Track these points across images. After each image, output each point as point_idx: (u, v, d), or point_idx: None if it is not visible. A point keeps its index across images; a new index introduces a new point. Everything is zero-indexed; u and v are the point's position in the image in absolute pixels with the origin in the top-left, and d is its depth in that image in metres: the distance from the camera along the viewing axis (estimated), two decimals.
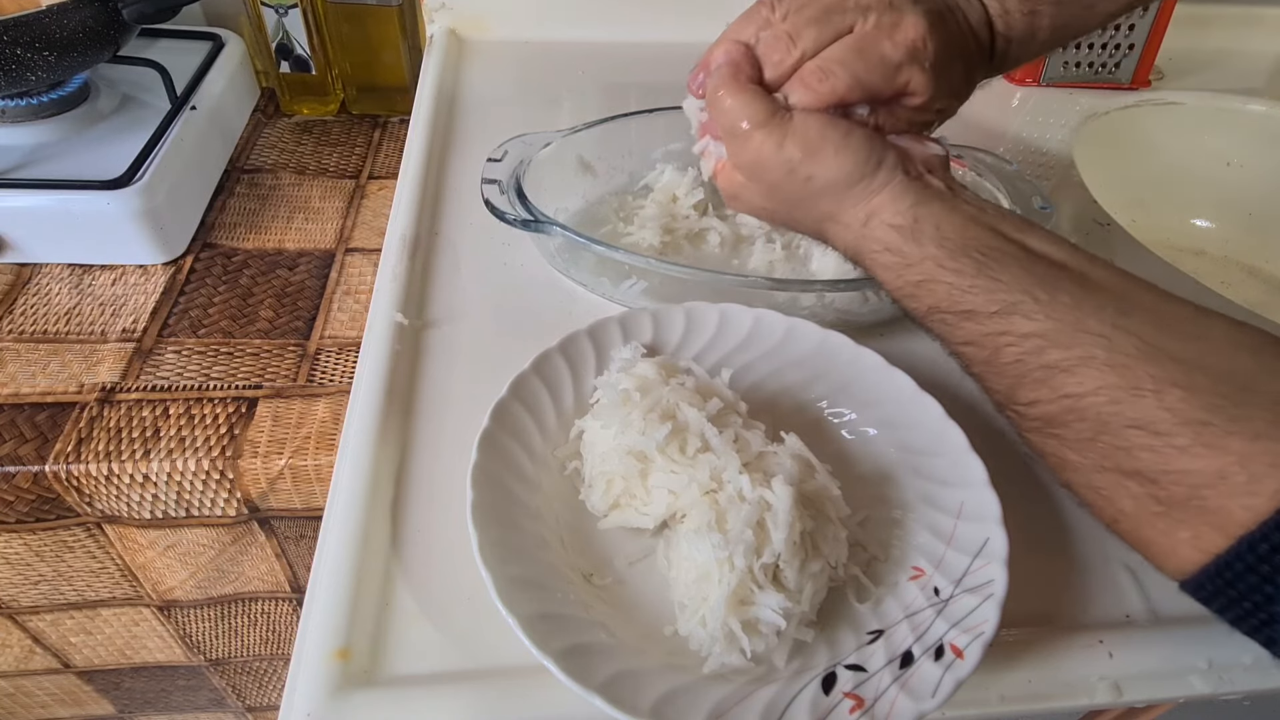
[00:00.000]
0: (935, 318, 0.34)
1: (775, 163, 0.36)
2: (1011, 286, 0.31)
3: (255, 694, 0.77)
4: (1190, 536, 0.27)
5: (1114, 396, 0.28)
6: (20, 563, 0.57)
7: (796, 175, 0.36)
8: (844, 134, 0.35)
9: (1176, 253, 0.80)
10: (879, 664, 0.33)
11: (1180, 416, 0.27)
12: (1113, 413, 0.28)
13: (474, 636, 0.36)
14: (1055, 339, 0.30)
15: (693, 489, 0.36)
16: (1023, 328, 0.30)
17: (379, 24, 0.73)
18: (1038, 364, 0.30)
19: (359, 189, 0.70)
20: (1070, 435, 0.30)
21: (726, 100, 0.36)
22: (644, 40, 0.78)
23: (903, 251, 0.34)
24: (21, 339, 0.55)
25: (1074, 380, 0.29)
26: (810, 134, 0.35)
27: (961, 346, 0.33)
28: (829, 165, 0.35)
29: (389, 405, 0.44)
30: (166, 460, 0.49)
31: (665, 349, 0.45)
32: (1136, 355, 0.28)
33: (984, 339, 0.32)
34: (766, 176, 0.37)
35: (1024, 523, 0.38)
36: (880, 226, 0.35)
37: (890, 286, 0.35)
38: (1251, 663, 0.37)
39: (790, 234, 0.56)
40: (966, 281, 0.32)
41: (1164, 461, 0.27)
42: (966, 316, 0.32)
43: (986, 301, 0.32)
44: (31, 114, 0.62)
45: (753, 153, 0.36)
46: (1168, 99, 0.77)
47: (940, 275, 0.33)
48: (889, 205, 0.35)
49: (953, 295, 0.33)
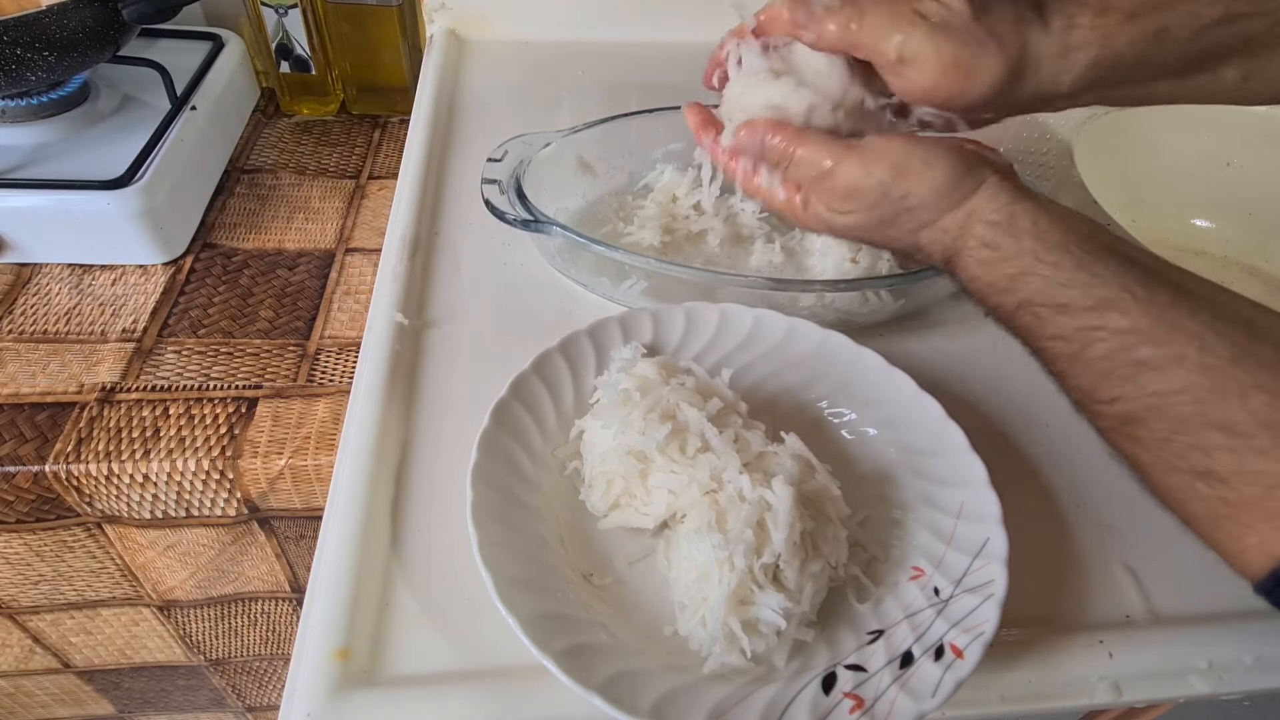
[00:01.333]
0: (1027, 312, 0.34)
1: (867, 187, 0.37)
2: (1110, 282, 0.31)
3: (255, 694, 0.77)
4: (1258, 541, 0.27)
5: (1199, 397, 0.28)
6: (20, 563, 0.57)
7: (891, 195, 0.36)
8: (928, 147, 0.36)
9: (1176, 253, 0.80)
10: (879, 664, 0.33)
11: (1262, 419, 0.27)
12: (1194, 412, 0.28)
13: (474, 636, 0.36)
14: (1149, 335, 0.30)
15: (693, 489, 0.36)
16: (1117, 323, 0.30)
17: (379, 24, 0.73)
18: (1127, 360, 0.30)
19: (359, 189, 0.70)
20: (1146, 435, 0.30)
21: (801, 150, 0.38)
22: (644, 40, 0.78)
23: (1000, 245, 0.34)
24: (21, 339, 0.55)
25: (1161, 378, 0.29)
26: (894, 154, 0.36)
27: (1049, 341, 0.33)
28: (923, 180, 0.36)
29: (389, 405, 0.44)
30: (166, 460, 0.49)
31: (665, 349, 0.45)
32: (1227, 357, 0.28)
33: (1075, 333, 0.32)
34: (862, 202, 0.37)
35: (1024, 523, 0.38)
36: (978, 224, 0.35)
37: (982, 282, 0.35)
38: (1252, 663, 0.37)
39: (790, 234, 0.56)
40: (1064, 275, 0.32)
41: (1240, 462, 0.27)
42: (1060, 310, 0.32)
43: (1083, 295, 0.32)
44: (31, 114, 0.62)
45: (843, 185, 0.37)
46: None
47: (1037, 268, 0.33)
48: (986, 204, 0.35)
49: (1048, 289, 0.33)
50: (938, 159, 0.36)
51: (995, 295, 0.35)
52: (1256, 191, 0.78)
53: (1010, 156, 0.40)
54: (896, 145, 0.37)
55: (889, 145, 0.37)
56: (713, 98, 0.43)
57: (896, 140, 0.37)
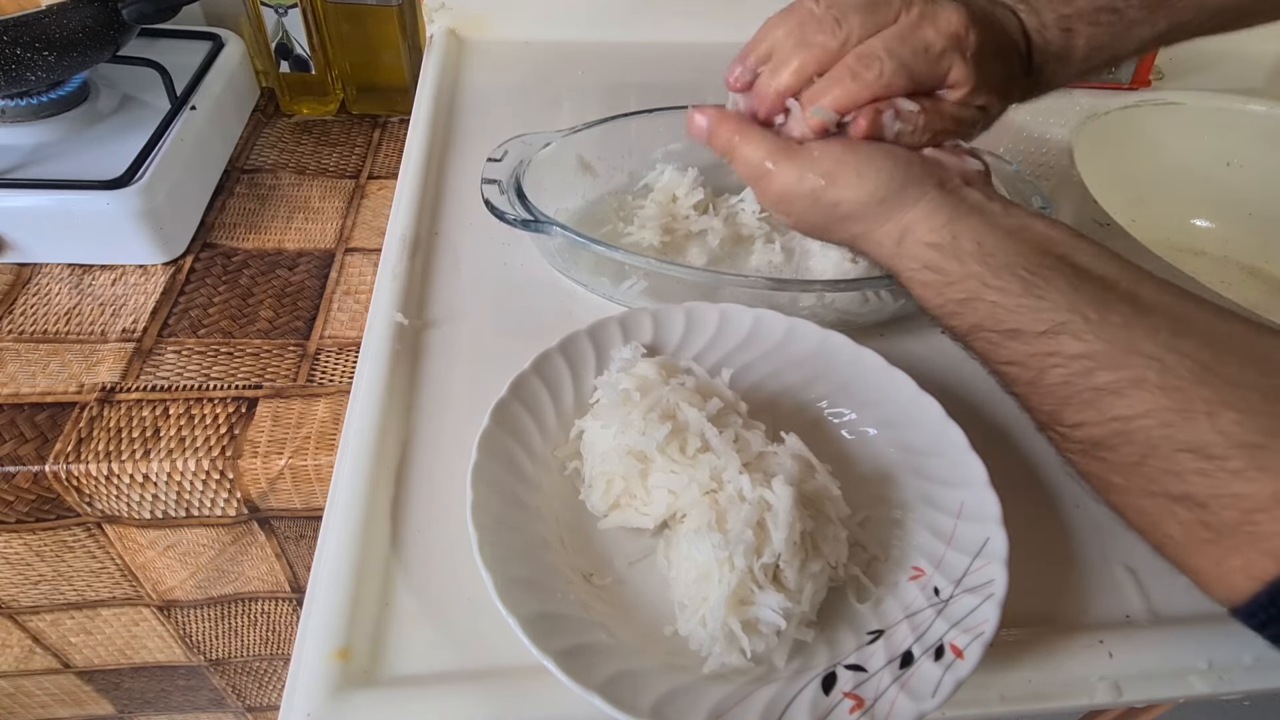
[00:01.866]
0: (978, 336, 0.33)
1: (799, 194, 0.36)
2: (1060, 305, 0.30)
3: (255, 694, 0.77)
4: (1241, 564, 0.26)
5: (1165, 420, 0.27)
6: (20, 563, 0.57)
7: (821, 203, 0.36)
8: (864, 156, 0.35)
9: (1176, 253, 0.80)
10: (879, 664, 0.33)
11: (1234, 440, 0.26)
12: (1163, 436, 0.27)
13: (474, 636, 0.36)
14: (1105, 360, 0.29)
15: (693, 489, 0.36)
16: (1071, 348, 0.30)
17: (379, 24, 0.73)
18: (1086, 386, 0.29)
19: (359, 189, 0.70)
20: (1116, 459, 0.29)
21: (743, 149, 0.37)
22: (644, 40, 0.78)
23: (943, 269, 0.33)
24: (21, 339, 0.55)
25: (1124, 403, 0.28)
26: (828, 161, 0.36)
27: (1004, 366, 0.33)
28: (852, 188, 0.35)
29: (389, 405, 0.44)
30: (166, 460, 0.49)
31: (665, 349, 0.45)
32: (1190, 378, 0.27)
33: (1029, 359, 0.31)
34: (795, 208, 0.37)
35: (1024, 523, 0.38)
36: (916, 245, 0.34)
37: (930, 305, 0.35)
38: (1252, 663, 0.37)
39: (790, 234, 0.56)
40: (1012, 300, 0.31)
41: (1216, 485, 0.26)
42: (1011, 336, 0.31)
43: (1033, 321, 0.31)
44: (31, 114, 0.62)
45: (777, 189, 0.37)
46: (1168, 99, 0.77)
47: (984, 294, 0.32)
48: (923, 222, 0.34)
49: (997, 314, 0.32)
50: (871, 168, 0.35)
51: (945, 318, 0.34)
52: (1256, 191, 0.78)
53: (1010, 156, 0.40)
54: (833, 151, 0.36)
55: (826, 150, 0.36)
56: (716, 97, 0.42)
57: (835, 145, 0.36)
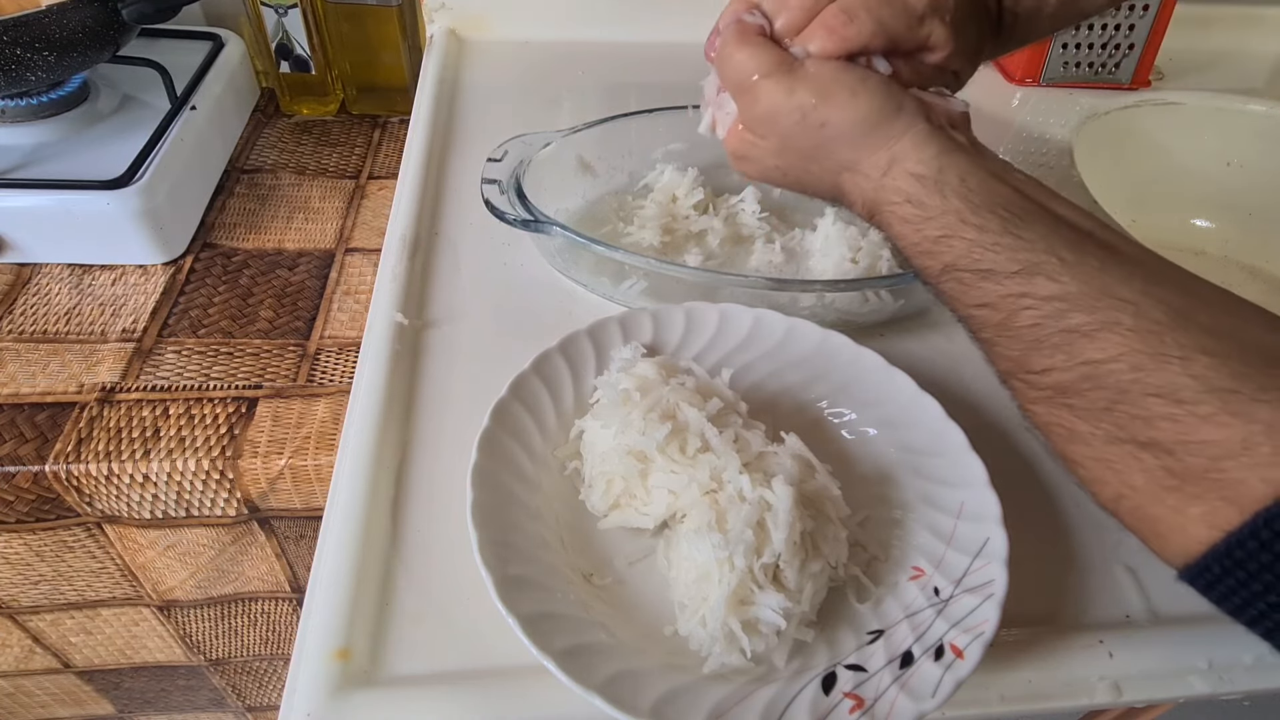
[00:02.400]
0: (950, 277, 0.32)
1: (787, 109, 0.34)
2: (1036, 246, 0.30)
3: (255, 694, 0.77)
4: (1203, 512, 0.25)
5: (1136, 363, 0.27)
6: (20, 563, 0.57)
7: (809, 121, 0.34)
8: (859, 78, 0.34)
9: (1176, 253, 0.80)
10: (879, 664, 0.33)
11: (1206, 384, 0.25)
12: (1133, 380, 0.27)
13: (474, 636, 0.36)
14: (1079, 302, 0.28)
15: (693, 489, 0.36)
16: (1045, 289, 0.29)
17: (379, 24, 0.73)
18: (1057, 328, 0.29)
19: (359, 189, 0.70)
20: (1083, 404, 0.28)
21: (735, 54, 0.35)
22: (644, 40, 0.78)
23: (924, 203, 0.33)
24: (21, 339, 0.55)
25: (1095, 346, 0.28)
26: (823, 78, 0.34)
27: (974, 309, 0.32)
28: (845, 108, 0.34)
29: (389, 405, 0.44)
30: (166, 460, 0.49)
31: (665, 349, 0.45)
32: (1165, 322, 0.27)
33: (1001, 300, 0.30)
34: (779, 127, 0.35)
35: (1024, 523, 0.38)
36: (902, 175, 0.33)
37: (906, 242, 0.34)
38: (1252, 662, 0.37)
39: (790, 234, 0.56)
40: (989, 239, 0.31)
41: (1184, 431, 0.26)
42: (985, 276, 0.31)
43: (1009, 260, 0.30)
44: (31, 114, 0.62)
45: (764, 103, 0.35)
46: (1168, 99, 0.77)
47: (962, 230, 0.31)
48: (912, 152, 0.33)
49: (973, 252, 0.31)
50: (866, 89, 0.34)
51: (919, 257, 0.34)
52: (1256, 191, 0.78)
53: (1010, 156, 0.40)
54: (828, 69, 0.35)
55: (820, 68, 0.35)
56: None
57: (830, 64, 0.35)
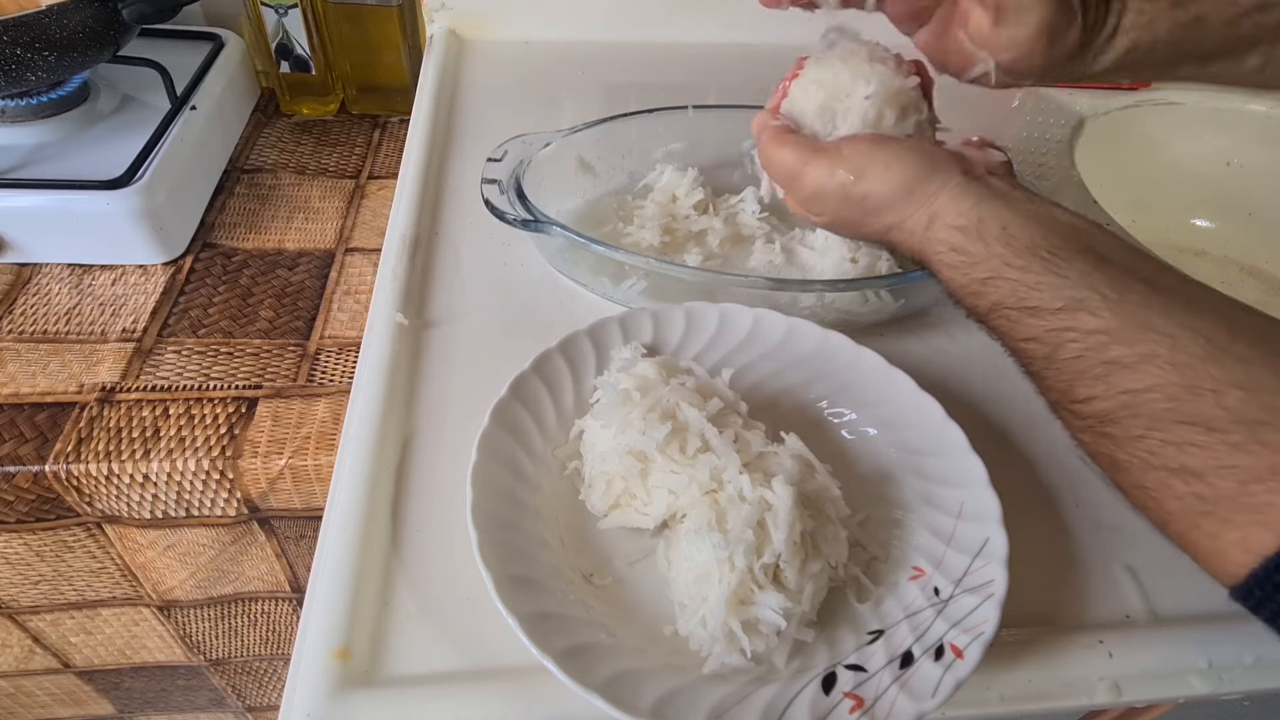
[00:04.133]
0: (998, 314, 0.34)
1: (830, 189, 0.38)
2: (1078, 283, 0.31)
3: (255, 694, 0.77)
4: (1238, 537, 0.26)
5: (1171, 394, 0.28)
6: (20, 563, 0.57)
7: (852, 197, 0.38)
8: (891, 151, 0.37)
9: (1176, 253, 0.80)
10: (879, 664, 0.33)
11: (1236, 415, 0.27)
12: (1166, 409, 0.28)
13: (474, 636, 0.36)
14: (1119, 335, 0.30)
15: (693, 489, 0.36)
16: (1087, 324, 0.31)
17: (379, 24, 0.73)
18: (1099, 360, 0.30)
19: (359, 189, 0.70)
20: (1121, 433, 0.30)
21: (776, 154, 0.40)
22: (644, 40, 0.78)
23: (968, 250, 0.35)
24: (21, 339, 0.55)
25: (1133, 377, 0.29)
26: (858, 157, 0.38)
27: (1023, 343, 0.34)
28: (881, 180, 0.37)
29: (389, 405, 0.44)
30: (166, 460, 0.49)
31: (665, 349, 0.45)
32: (1200, 355, 0.28)
33: (1046, 335, 0.32)
34: (827, 205, 0.39)
35: (1024, 523, 0.38)
36: (943, 228, 0.36)
37: (955, 285, 0.36)
38: (1252, 663, 0.37)
39: (790, 234, 0.56)
40: (1032, 279, 0.33)
41: (1214, 457, 0.27)
42: (1031, 313, 0.33)
43: (1052, 298, 0.32)
44: (31, 114, 0.62)
45: (810, 187, 0.39)
46: (1168, 99, 0.77)
47: (1005, 272, 0.33)
48: (950, 206, 0.36)
49: (1018, 291, 0.33)
50: (898, 160, 0.37)
51: (968, 298, 0.36)
52: (1256, 191, 0.78)
53: (1010, 156, 0.40)
54: (862, 147, 0.38)
55: (855, 147, 0.38)
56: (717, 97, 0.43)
57: (863, 141, 0.38)
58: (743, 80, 0.41)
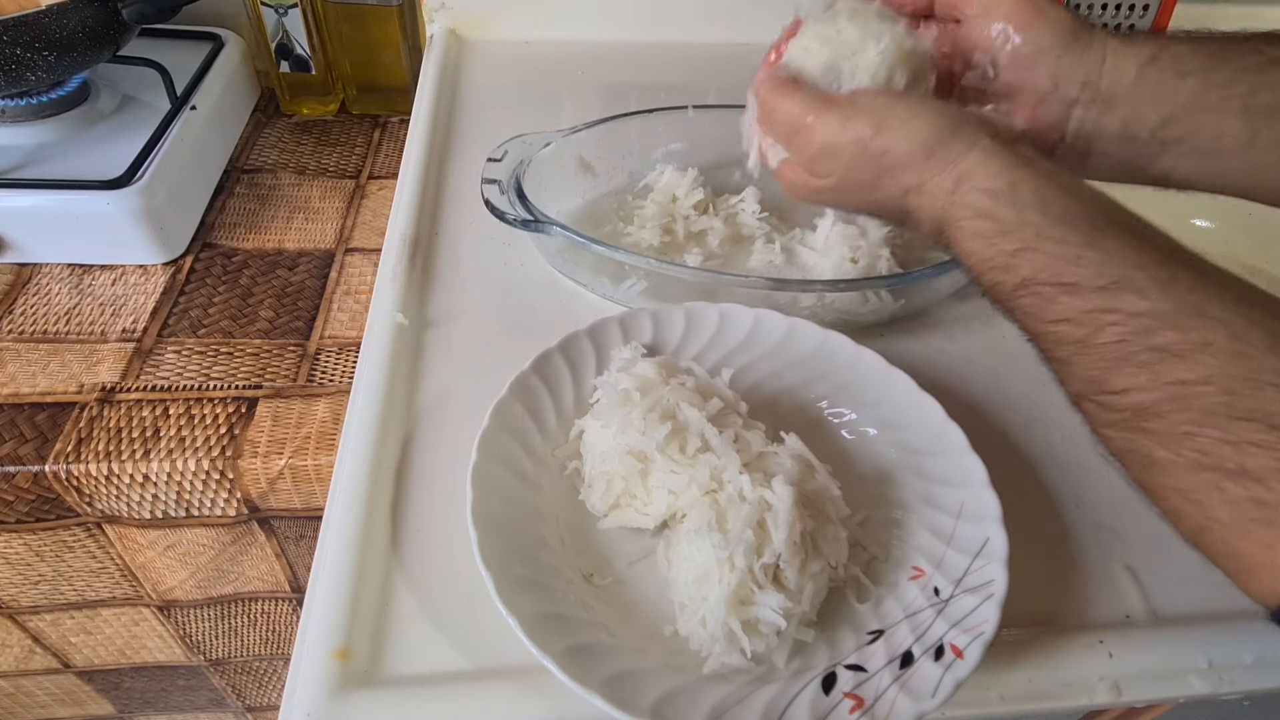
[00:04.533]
0: (1028, 291, 0.31)
1: (844, 142, 0.34)
2: (1125, 260, 0.29)
3: (255, 694, 0.77)
4: None
5: (1229, 386, 0.25)
6: (20, 563, 0.57)
7: (869, 152, 0.34)
8: (912, 104, 0.34)
9: None
10: (879, 664, 0.33)
11: None
12: (1223, 404, 0.25)
13: (474, 636, 0.36)
14: (1171, 320, 0.27)
15: (693, 489, 0.36)
16: (1134, 306, 0.28)
17: (379, 24, 0.73)
18: (1145, 345, 0.27)
19: (359, 189, 0.70)
20: (1163, 428, 0.27)
21: (780, 104, 0.36)
22: (644, 40, 0.78)
23: (999, 217, 0.31)
24: (21, 339, 0.55)
25: (1185, 366, 0.26)
26: (876, 108, 0.34)
27: (1052, 325, 0.30)
28: (902, 135, 0.33)
29: (389, 405, 0.44)
30: (166, 460, 0.49)
31: (665, 349, 0.45)
32: (1261, 345, 0.26)
33: (1084, 316, 0.29)
34: (839, 161, 0.35)
35: (1024, 523, 0.38)
36: (972, 191, 0.32)
37: (978, 258, 0.33)
38: (1252, 662, 0.37)
39: (790, 234, 0.56)
40: (1071, 252, 0.29)
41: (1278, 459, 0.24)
42: (1068, 290, 0.29)
43: (1095, 274, 0.29)
44: (31, 114, 0.62)
45: (820, 141, 0.35)
46: None
47: (1040, 244, 0.30)
48: (980, 168, 0.32)
49: (1054, 266, 0.30)
50: (922, 113, 0.34)
51: (992, 272, 0.32)
52: None
53: None
54: (879, 99, 0.35)
55: (871, 99, 0.35)
56: (717, 97, 0.43)
57: (880, 94, 0.35)
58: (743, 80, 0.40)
